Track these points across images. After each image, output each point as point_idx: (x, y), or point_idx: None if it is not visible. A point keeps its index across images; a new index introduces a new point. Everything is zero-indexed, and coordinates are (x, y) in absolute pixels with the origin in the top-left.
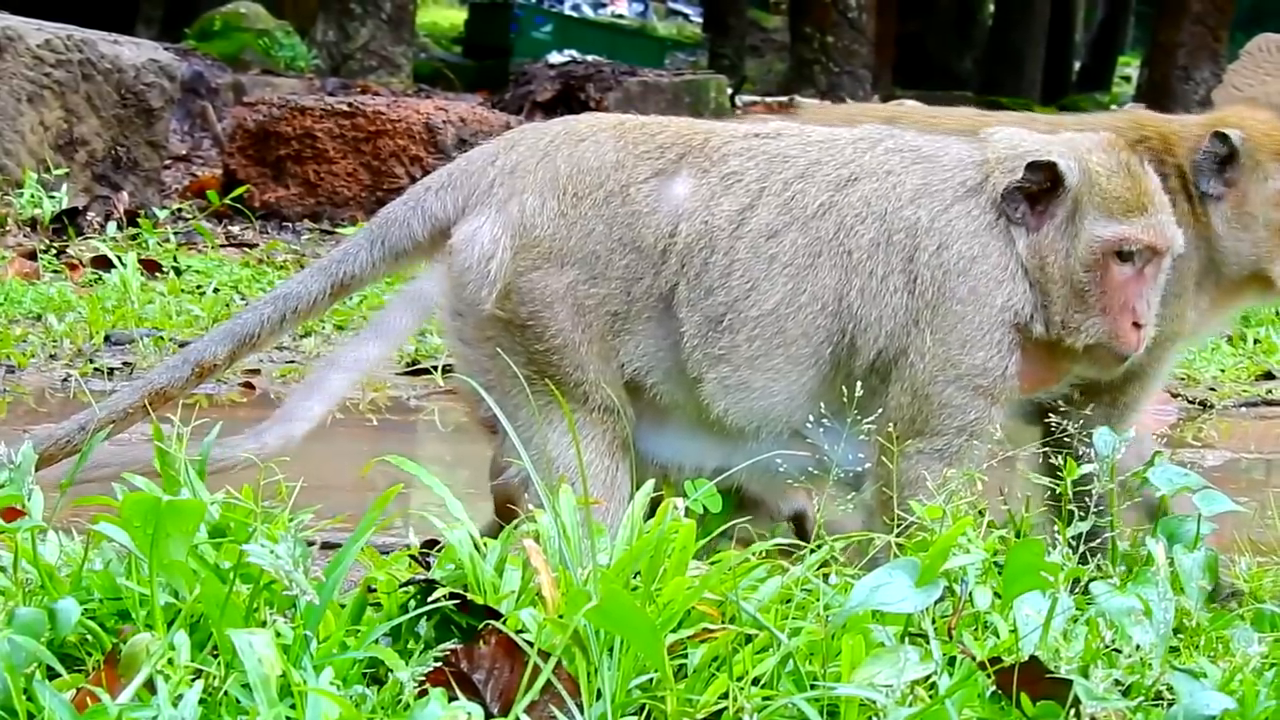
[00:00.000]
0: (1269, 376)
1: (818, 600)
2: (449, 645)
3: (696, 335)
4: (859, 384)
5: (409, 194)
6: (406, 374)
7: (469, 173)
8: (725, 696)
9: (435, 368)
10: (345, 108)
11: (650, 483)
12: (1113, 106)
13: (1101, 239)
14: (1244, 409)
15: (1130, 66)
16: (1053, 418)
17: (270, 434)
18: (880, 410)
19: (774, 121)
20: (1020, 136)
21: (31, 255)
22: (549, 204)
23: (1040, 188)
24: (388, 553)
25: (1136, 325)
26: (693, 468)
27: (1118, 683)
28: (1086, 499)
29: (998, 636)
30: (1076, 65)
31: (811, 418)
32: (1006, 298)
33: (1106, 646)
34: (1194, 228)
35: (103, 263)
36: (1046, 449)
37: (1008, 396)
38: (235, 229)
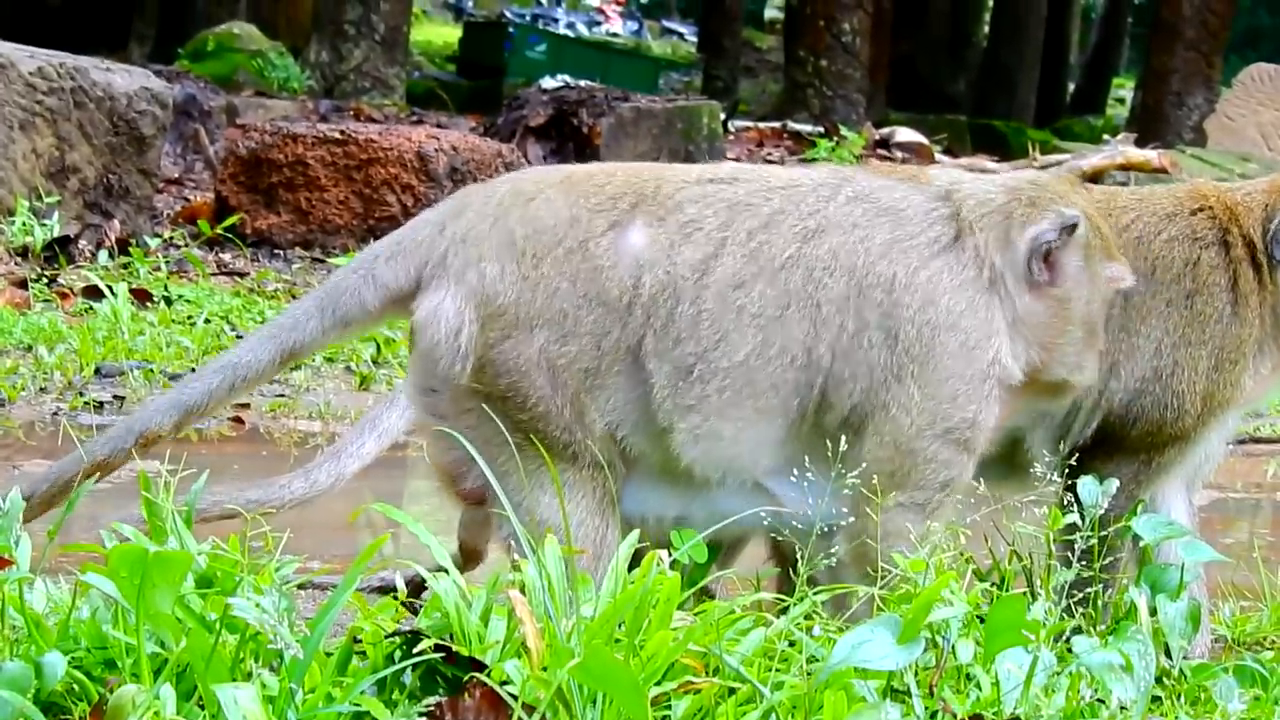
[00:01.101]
0: (1255, 414)
1: (801, 653)
2: (434, 699)
3: (667, 386)
4: (829, 438)
5: (358, 262)
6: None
7: (418, 242)
8: None
9: None
10: (337, 135)
11: (635, 534)
12: (1105, 136)
13: (1114, 279)
14: (1230, 446)
15: (1125, 89)
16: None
17: (321, 471)
18: (862, 464)
19: (728, 165)
20: (982, 188)
21: (23, 284)
22: (509, 269)
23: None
24: (382, 590)
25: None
26: (655, 519)
27: None
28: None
29: (980, 690)
30: (1070, 87)
31: (782, 470)
32: (995, 351)
33: (1089, 701)
34: (1257, 295)
35: (94, 292)
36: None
37: (983, 449)
38: (226, 256)
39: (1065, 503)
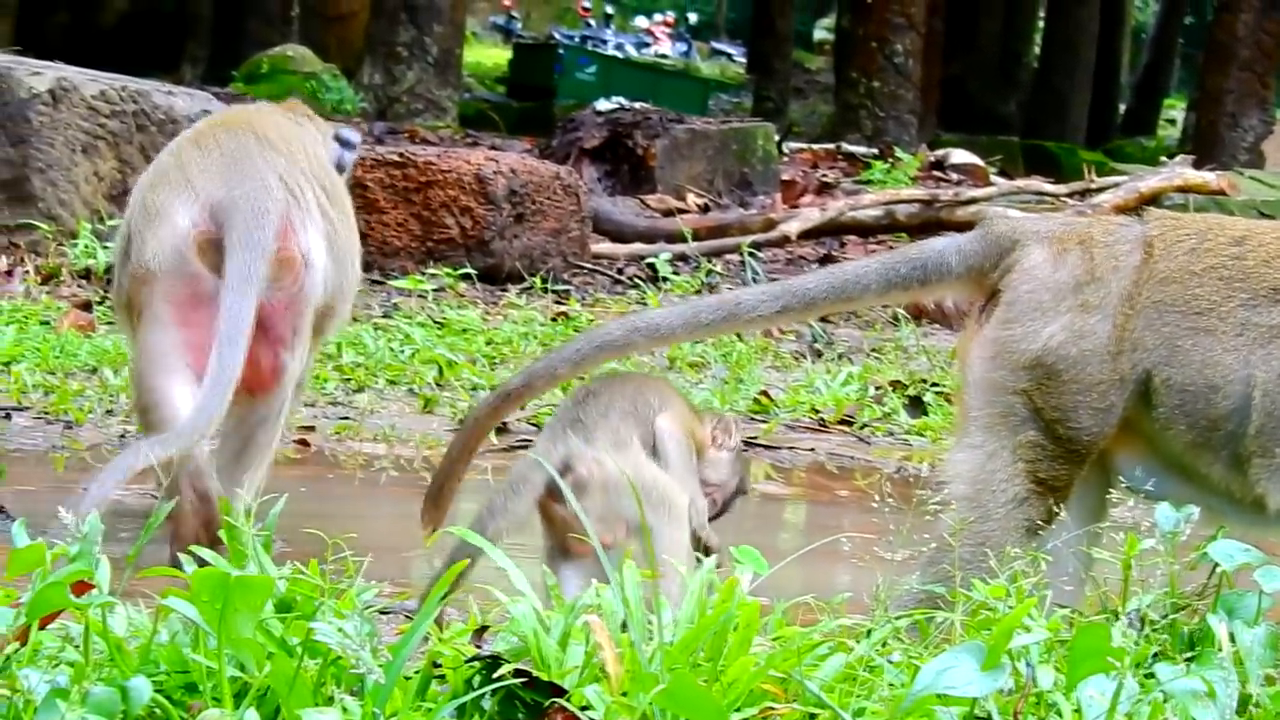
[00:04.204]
0: None
1: (881, 678)
2: None
3: None
4: None
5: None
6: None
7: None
8: None
9: None
10: (396, 158)
11: (713, 558)
12: (1162, 158)
13: None
14: None
15: (1175, 109)
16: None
17: None
18: None
19: None
20: None
21: (86, 306)
22: None
23: None
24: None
25: None
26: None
27: None
28: None
29: (1061, 718)
30: (1121, 108)
31: None
32: None
33: None
34: None
35: None
36: None
37: None
38: None
39: None
